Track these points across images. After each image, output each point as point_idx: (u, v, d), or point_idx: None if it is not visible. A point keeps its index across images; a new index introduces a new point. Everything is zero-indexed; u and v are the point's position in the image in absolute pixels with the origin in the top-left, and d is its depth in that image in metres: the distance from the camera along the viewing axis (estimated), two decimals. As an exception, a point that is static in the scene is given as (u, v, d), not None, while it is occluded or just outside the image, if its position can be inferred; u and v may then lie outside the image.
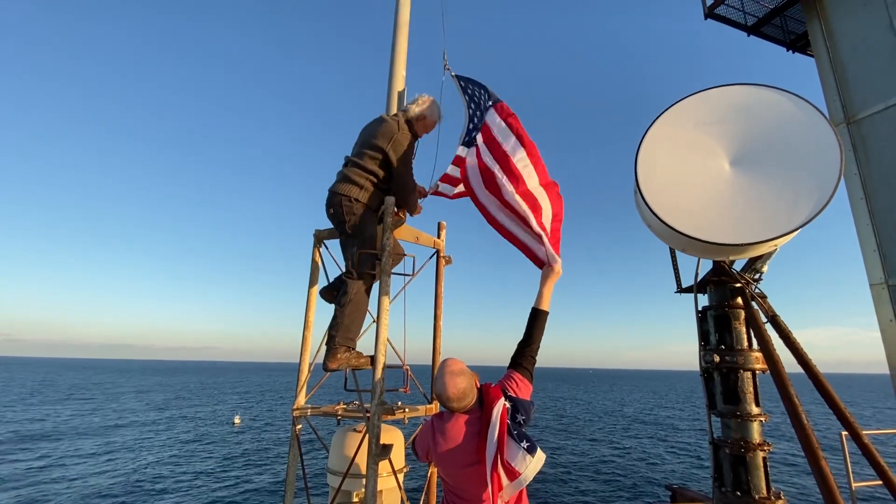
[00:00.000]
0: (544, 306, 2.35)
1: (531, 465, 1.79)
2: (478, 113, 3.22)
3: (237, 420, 30.68)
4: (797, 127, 2.37)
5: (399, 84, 3.27)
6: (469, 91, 3.39)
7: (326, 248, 3.07)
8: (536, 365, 2.27)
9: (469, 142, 3.29)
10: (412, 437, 2.08)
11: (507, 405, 1.91)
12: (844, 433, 4.70)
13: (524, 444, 1.81)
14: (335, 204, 2.70)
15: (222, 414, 35.26)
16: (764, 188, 2.33)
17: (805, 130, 2.35)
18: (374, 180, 2.77)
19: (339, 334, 2.57)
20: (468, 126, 3.34)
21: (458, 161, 3.32)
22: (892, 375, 6.11)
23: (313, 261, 3.03)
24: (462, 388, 1.90)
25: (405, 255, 2.88)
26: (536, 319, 2.31)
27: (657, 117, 2.68)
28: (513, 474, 1.77)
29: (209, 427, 28.32)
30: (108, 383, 70.43)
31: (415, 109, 2.97)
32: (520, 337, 2.29)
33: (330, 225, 2.92)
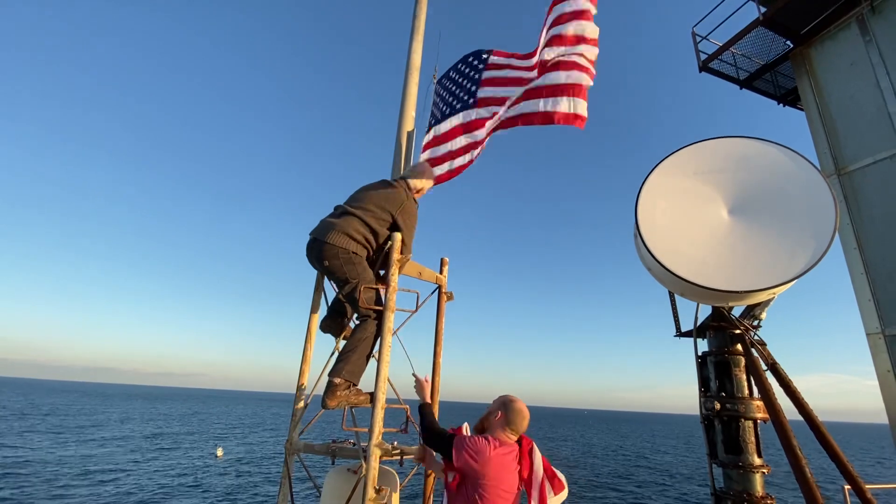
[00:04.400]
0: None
1: (566, 487, 2.34)
2: (465, 91, 3.78)
3: (219, 452, 29.36)
4: (792, 180, 2.46)
5: (409, 124, 3.40)
6: (452, 76, 3.97)
7: (330, 281, 3.07)
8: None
9: (438, 121, 3.78)
10: (460, 442, 2.21)
11: None
12: (847, 487, 4.59)
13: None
14: (331, 256, 2.68)
15: (204, 444, 33.99)
16: (762, 237, 2.39)
17: (800, 183, 2.44)
18: (369, 236, 2.81)
19: (347, 368, 2.54)
20: (436, 113, 3.91)
21: (441, 139, 3.67)
22: (891, 426, 6.02)
23: (315, 294, 3.02)
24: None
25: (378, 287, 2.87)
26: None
27: (657, 164, 2.77)
28: (560, 486, 2.31)
29: (189, 459, 27.21)
30: (90, 408, 68.24)
31: (416, 181, 3.15)
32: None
33: None
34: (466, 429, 2.53)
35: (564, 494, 2.31)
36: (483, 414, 2.47)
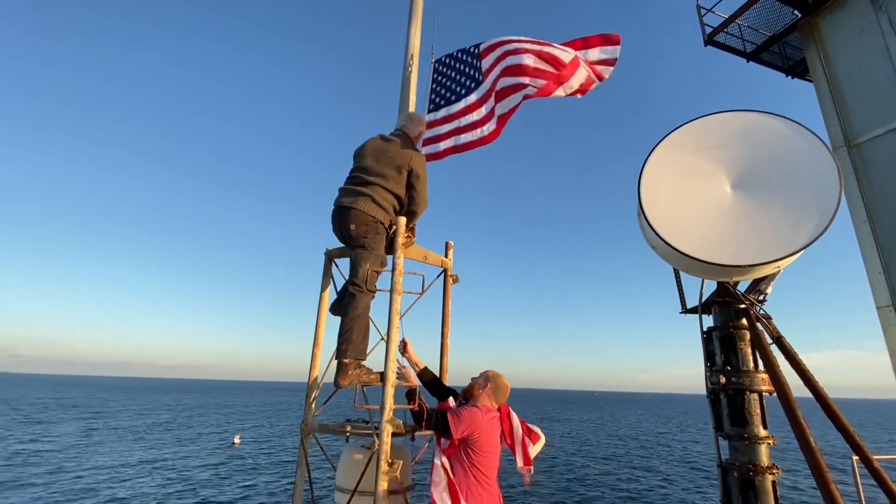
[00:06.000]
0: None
1: (542, 436, 2.71)
2: (466, 74, 3.90)
3: (237, 440, 30.07)
4: (796, 152, 2.44)
5: (409, 108, 3.42)
6: (450, 63, 4.02)
7: (337, 266, 3.13)
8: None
9: (436, 107, 3.92)
10: (455, 415, 2.45)
11: None
12: (855, 458, 4.62)
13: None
14: (359, 222, 2.76)
15: (222, 433, 34.79)
16: (765, 211, 2.39)
17: (804, 156, 2.42)
18: (395, 203, 2.92)
19: (351, 348, 2.61)
20: (435, 98, 4.01)
21: (450, 118, 3.78)
22: (902, 399, 6.02)
23: (324, 280, 3.08)
24: None
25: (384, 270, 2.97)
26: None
27: (660, 141, 2.76)
28: (537, 437, 2.66)
29: (207, 447, 27.90)
30: (112, 402, 69.88)
31: (411, 127, 3.23)
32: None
33: (339, 243, 3.01)
34: (451, 401, 2.73)
35: (542, 442, 2.68)
36: (469, 383, 2.78)
